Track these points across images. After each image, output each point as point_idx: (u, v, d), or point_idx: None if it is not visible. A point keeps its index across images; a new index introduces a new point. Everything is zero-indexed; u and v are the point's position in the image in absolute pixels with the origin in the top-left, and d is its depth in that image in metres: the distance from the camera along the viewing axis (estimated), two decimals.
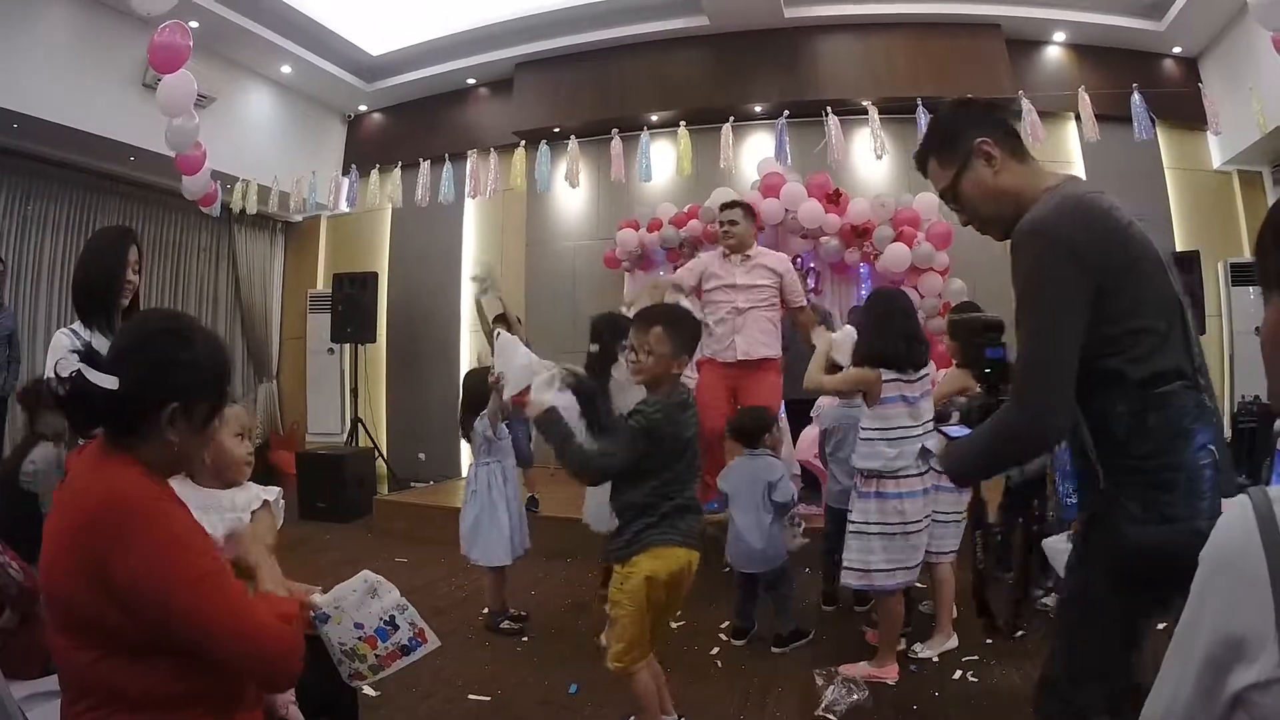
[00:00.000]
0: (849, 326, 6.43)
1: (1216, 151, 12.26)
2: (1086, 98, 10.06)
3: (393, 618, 2.95)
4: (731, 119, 11.14)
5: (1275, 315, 1.48)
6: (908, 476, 5.64)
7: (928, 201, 10.81)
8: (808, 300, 8.66)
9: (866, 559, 5.71)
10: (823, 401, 7.23)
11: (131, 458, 2.35)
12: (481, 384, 7.05)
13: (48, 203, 12.65)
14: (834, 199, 10.71)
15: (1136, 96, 9.90)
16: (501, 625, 6.93)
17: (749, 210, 8.61)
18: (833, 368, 6.02)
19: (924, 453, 5.67)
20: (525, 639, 6.78)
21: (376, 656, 2.96)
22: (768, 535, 6.33)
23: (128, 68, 11.50)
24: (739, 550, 6.46)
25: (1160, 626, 2.64)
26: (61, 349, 4.23)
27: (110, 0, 10.29)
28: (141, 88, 11.54)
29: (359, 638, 2.92)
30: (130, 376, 2.32)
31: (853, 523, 5.85)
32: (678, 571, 4.41)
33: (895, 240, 10.51)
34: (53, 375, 2.35)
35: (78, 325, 4.66)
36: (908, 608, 6.22)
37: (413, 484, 13.48)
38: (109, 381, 2.29)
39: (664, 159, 11.82)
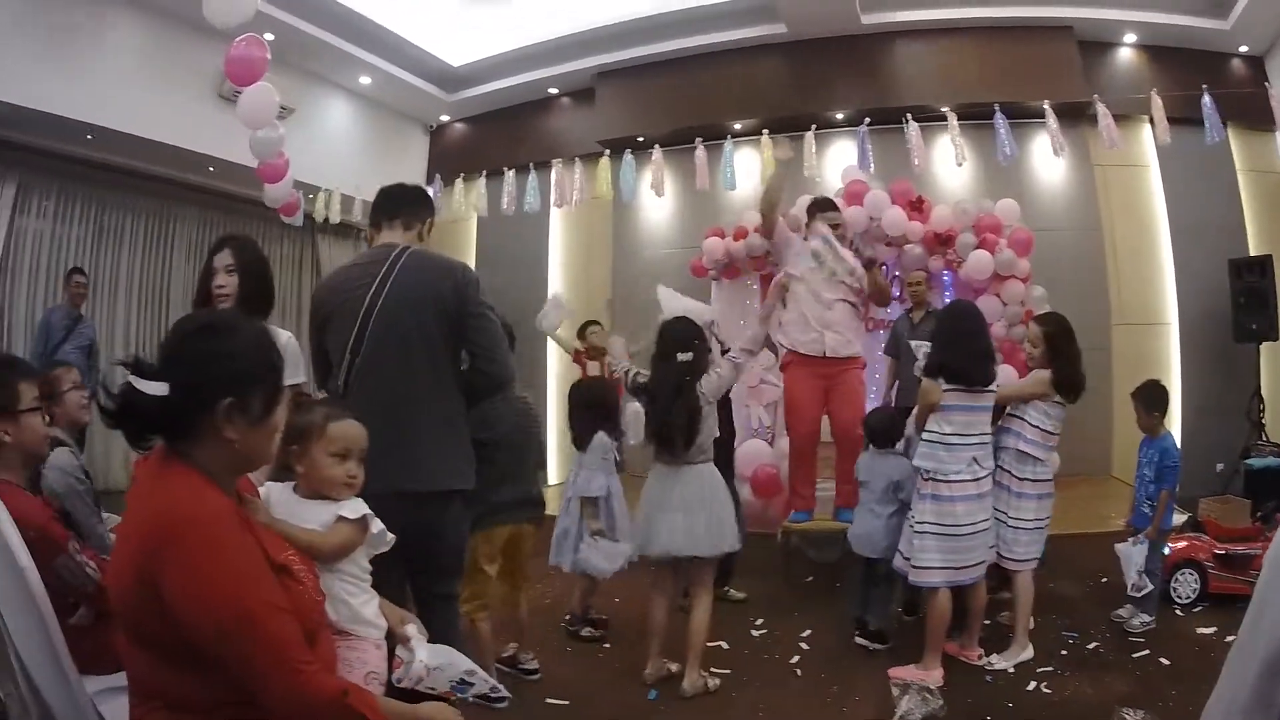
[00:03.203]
0: None
1: None
2: (1159, 100, 9.94)
3: (463, 680, 3.01)
4: (814, 127, 11.14)
5: None
6: (961, 481, 5.86)
7: (1009, 208, 10.83)
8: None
9: (910, 550, 5.98)
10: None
11: (191, 466, 2.35)
12: (596, 394, 7.20)
13: (124, 214, 12.91)
14: (917, 206, 10.69)
15: (1207, 98, 9.78)
16: (582, 633, 6.96)
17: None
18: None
19: (973, 461, 5.91)
20: (607, 645, 6.83)
21: (458, 698, 3.05)
22: (885, 527, 6.60)
23: (203, 79, 11.74)
24: (861, 534, 6.80)
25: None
26: None
27: (183, 13, 10.44)
28: (218, 98, 11.77)
29: (436, 695, 3.00)
30: (178, 379, 2.31)
31: (910, 517, 6.11)
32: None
33: (977, 247, 10.47)
34: (99, 389, 2.39)
35: None
36: (960, 611, 6.20)
37: None
38: (158, 388, 2.28)
39: (748, 167, 11.81)
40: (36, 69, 9.83)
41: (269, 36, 10.25)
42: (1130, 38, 12.39)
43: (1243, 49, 12.13)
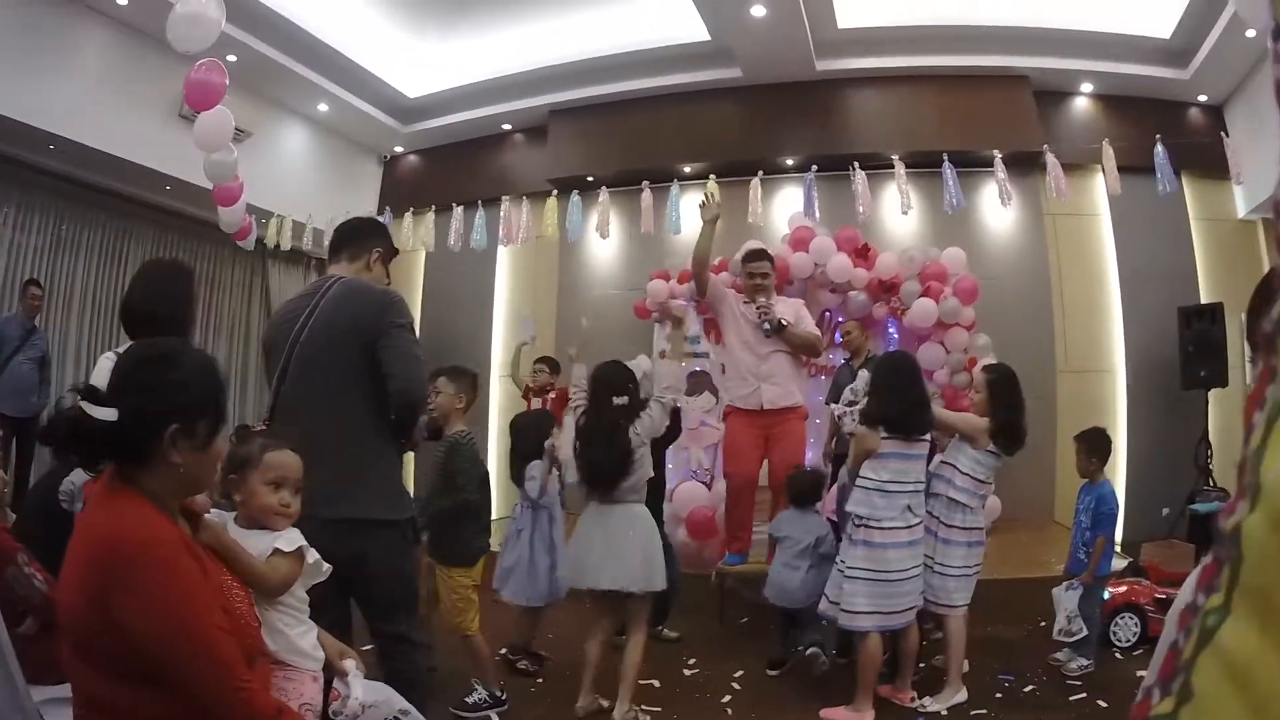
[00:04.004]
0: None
1: (1241, 200, 12.20)
2: (1110, 150, 10.09)
3: (396, 718, 3.06)
4: (760, 172, 11.20)
5: (1259, 379, 1.55)
6: (894, 528, 5.93)
7: (955, 256, 10.93)
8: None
9: (839, 594, 6.03)
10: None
11: (138, 491, 2.41)
12: (531, 429, 7.35)
13: (82, 226, 12.78)
14: (862, 253, 10.79)
15: (1160, 149, 9.93)
16: (519, 665, 7.01)
17: (773, 260, 8.67)
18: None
19: (907, 509, 5.99)
20: (540, 680, 6.87)
21: None
22: (803, 580, 6.78)
23: (166, 98, 11.67)
24: (778, 588, 6.96)
25: None
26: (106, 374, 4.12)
27: (150, 30, 10.35)
28: (179, 119, 11.65)
29: None
30: (128, 405, 2.38)
31: (840, 561, 6.18)
32: None
33: (922, 295, 10.57)
34: (50, 412, 2.44)
35: (125, 347, 4.51)
36: (893, 654, 6.31)
37: None
38: (108, 414, 2.35)
39: (694, 211, 11.61)
40: (5, 75, 9.78)
41: (231, 58, 10.42)
42: (1087, 87, 12.49)
43: (1201, 98, 12.23)
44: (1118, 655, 7.22)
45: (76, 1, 10.59)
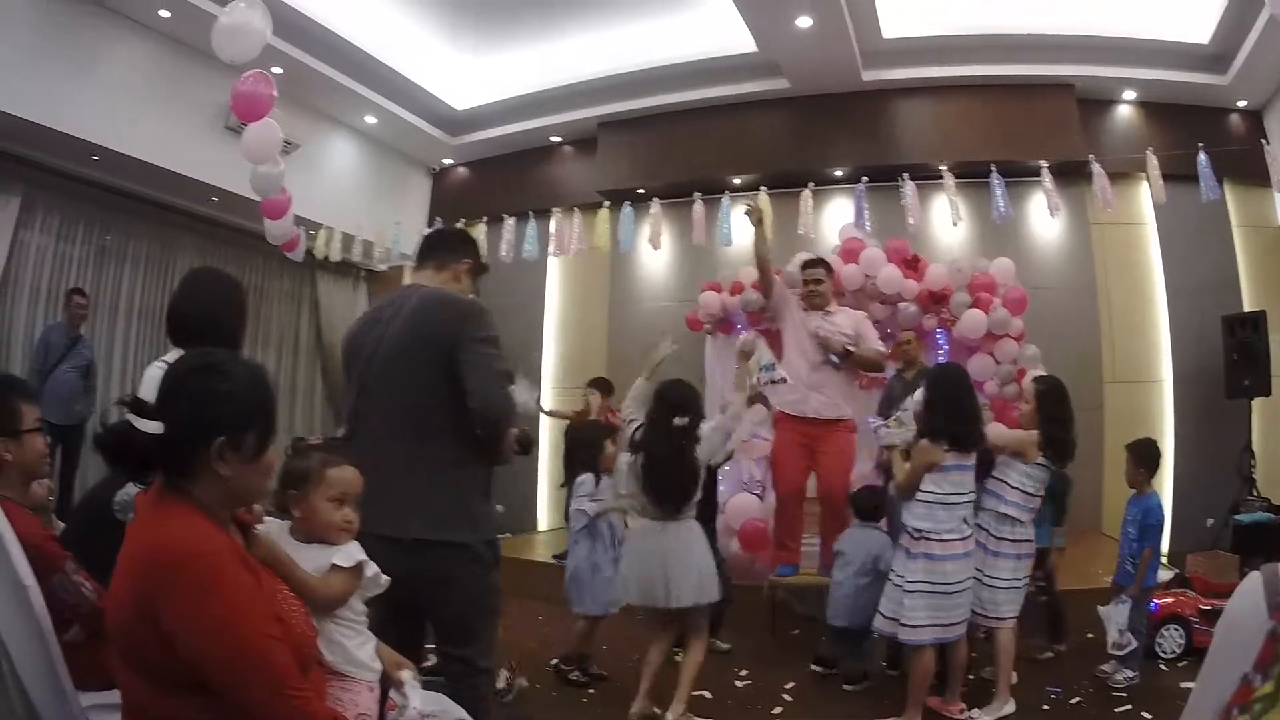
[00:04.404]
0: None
1: None
2: (1154, 160, 10.09)
3: None
4: (811, 184, 11.30)
5: None
6: (952, 540, 5.96)
7: (1004, 267, 10.91)
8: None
9: (898, 610, 6.02)
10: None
11: (188, 501, 2.41)
12: (588, 437, 7.49)
13: (127, 237, 12.92)
14: (912, 264, 10.79)
15: (1203, 157, 9.95)
16: (571, 675, 7.03)
17: (830, 268, 8.87)
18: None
19: (963, 520, 6.06)
20: (591, 690, 6.89)
21: None
22: (857, 597, 6.91)
23: (211, 109, 11.77)
24: (836, 604, 7.09)
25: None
26: (154, 384, 3.92)
27: (196, 42, 10.43)
28: (225, 130, 11.78)
29: None
30: (175, 416, 2.39)
31: (896, 576, 6.15)
32: None
33: (972, 306, 10.54)
34: (96, 425, 2.46)
35: (172, 356, 4.13)
36: (942, 666, 6.29)
37: None
38: (154, 427, 2.37)
39: (745, 222, 11.62)
40: (49, 86, 9.88)
41: (277, 70, 10.46)
42: (1130, 95, 12.47)
43: (1241, 104, 12.19)
44: (1163, 667, 7.19)
45: (119, 14, 10.69)
